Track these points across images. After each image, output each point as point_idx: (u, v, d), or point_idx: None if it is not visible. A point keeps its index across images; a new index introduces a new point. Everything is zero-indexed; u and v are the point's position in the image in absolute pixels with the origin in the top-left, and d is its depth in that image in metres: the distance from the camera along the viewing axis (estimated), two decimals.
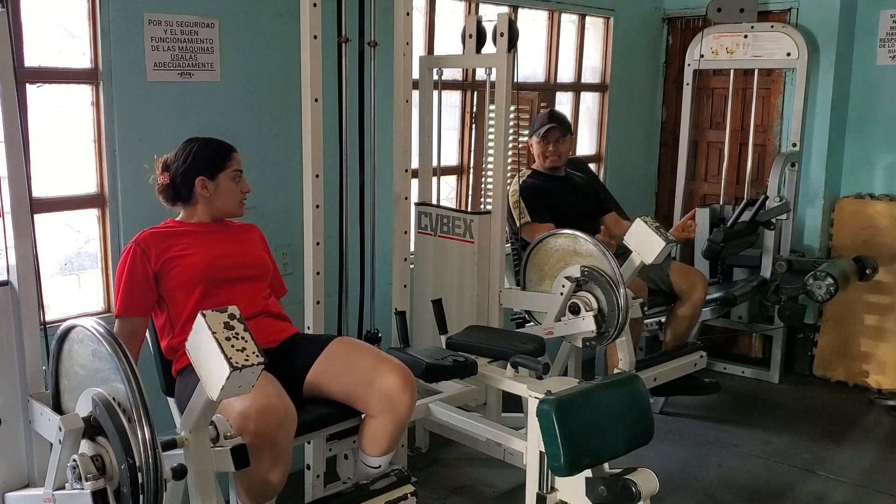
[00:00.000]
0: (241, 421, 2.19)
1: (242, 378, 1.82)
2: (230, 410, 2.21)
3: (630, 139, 5.30)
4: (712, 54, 4.84)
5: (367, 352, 2.57)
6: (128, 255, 2.53)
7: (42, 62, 2.79)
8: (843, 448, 3.94)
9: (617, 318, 3.21)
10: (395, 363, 2.51)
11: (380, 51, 3.20)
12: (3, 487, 2.16)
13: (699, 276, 4.11)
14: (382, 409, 2.46)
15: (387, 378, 2.45)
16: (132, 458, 1.71)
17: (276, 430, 2.23)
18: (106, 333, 1.83)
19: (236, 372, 1.79)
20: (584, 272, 3.27)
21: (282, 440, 2.26)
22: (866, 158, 4.81)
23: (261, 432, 2.19)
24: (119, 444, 1.73)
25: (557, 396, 2.40)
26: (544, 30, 4.68)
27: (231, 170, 2.65)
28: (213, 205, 2.65)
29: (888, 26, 4.65)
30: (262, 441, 2.19)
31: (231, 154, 2.66)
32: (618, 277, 3.20)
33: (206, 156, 2.63)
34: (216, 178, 2.62)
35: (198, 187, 2.62)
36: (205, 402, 1.91)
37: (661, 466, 3.49)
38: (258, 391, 2.20)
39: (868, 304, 4.67)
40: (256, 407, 2.20)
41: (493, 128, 3.61)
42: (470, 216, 3.60)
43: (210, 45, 3.10)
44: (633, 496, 2.37)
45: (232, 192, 2.66)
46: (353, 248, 3.25)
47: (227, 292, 2.56)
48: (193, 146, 2.64)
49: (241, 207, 2.72)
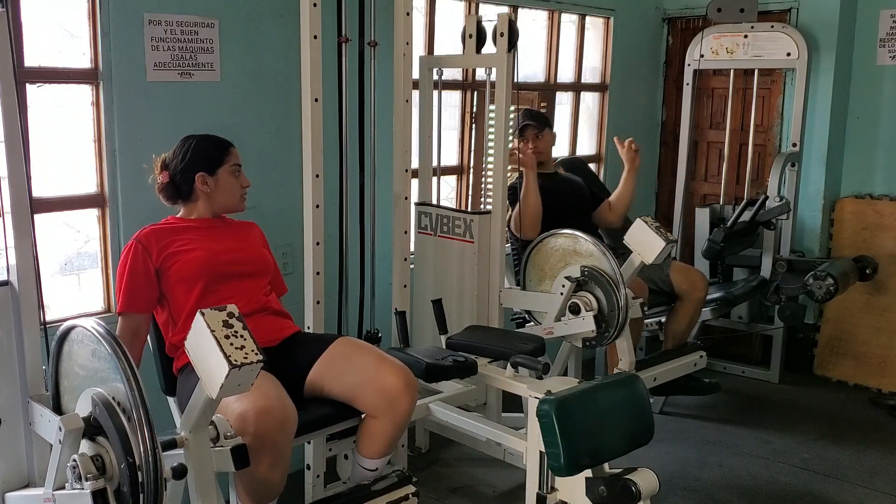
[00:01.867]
0: (241, 422, 2.18)
1: (242, 376, 1.82)
2: (230, 411, 2.21)
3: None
4: (712, 54, 4.84)
5: (369, 352, 2.57)
6: (129, 251, 2.54)
7: (42, 62, 2.79)
8: (843, 448, 3.94)
9: (617, 318, 3.20)
10: (397, 364, 2.51)
11: (380, 51, 3.20)
12: (3, 487, 2.15)
13: (699, 276, 4.10)
14: (383, 410, 2.46)
15: (388, 378, 2.45)
16: (132, 457, 1.71)
17: (276, 431, 2.23)
18: (105, 333, 1.83)
19: (235, 370, 1.79)
20: (585, 272, 3.27)
21: (282, 441, 2.26)
22: (866, 158, 4.81)
23: (261, 433, 2.19)
24: (119, 443, 1.73)
25: (557, 396, 2.40)
26: (544, 30, 4.68)
27: (230, 164, 2.66)
28: (214, 200, 2.66)
29: (888, 26, 4.65)
30: (262, 442, 2.19)
31: (229, 149, 2.68)
32: (618, 277, 3.20)
33: (205, 151, 2.64)
34: (216, 173, 2.63)
35: (198, 183, 2.62)
36: (204, 400, 1.91)
37: (661, 466, 3.49)
38: (258, 392, 2.20)
39: (868, 304, 4.67)
40: (256, 408, 2.20)
41: (493, 128, 3.61)
42: (470, 216, 3.60)
43: (210, 45, 3.10)
44: (633, 496, 2.37)
45: (232, 187, 2.68)
46: (353, 248, 3.25)
47: (227, 288, 2.56)
48: (191, 143, 2.64)
49: (241, 202, 2.73)
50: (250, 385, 1.87)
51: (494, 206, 3.61)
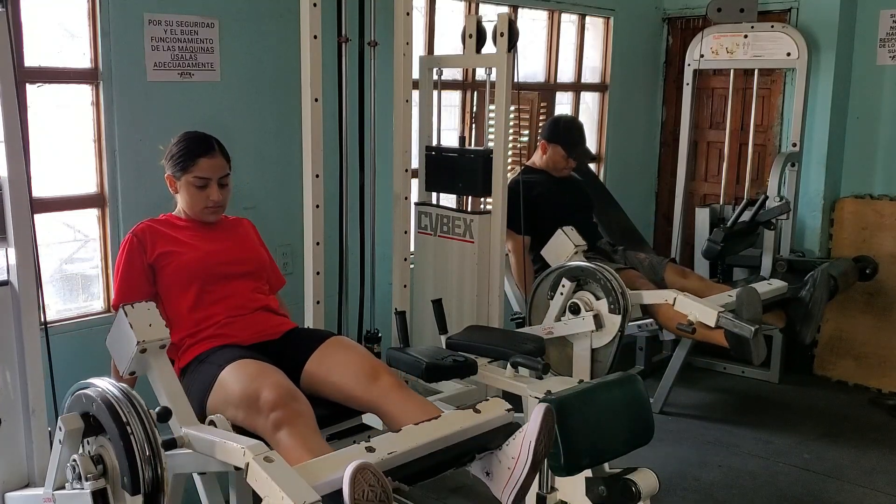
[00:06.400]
0: (262, 401, 2.15)
1: (141, 312, 2.00)
2: (249, 398, 2.18)
3: (630, 139, 5.30)
4: (712, 54, 4.84)
5: (356, 351, 2.55)
6: (125, 245, 2.55)
7: (42, 62, 2.79)
8: (843, 448, 3.94)
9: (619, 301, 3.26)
10: (382, 363, 2.51)
11: (380, 51, 3.20)
12: (3, 487, 2.15)
13: (690, 271, 4.17)
14: (377, 395, 2.41)
15: (365, 366, 2.44)
16: (132, 457, 1.71)
17: (291, 401, 2.19)
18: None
19: (128, 306, 2.01)
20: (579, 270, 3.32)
21: (306, 410, 2.22)
22: (866, 158, 4.81)
23: (282, 403, 2.15)
24: (119, 443, 1.73)
25: (557, 396, 2.40)
26: (544, 30, 4.69)
27: (192, 175, 2.55)
28: (182, 203, 2.63)
29: (888, 26, 4.65)
30: (292, 410, 2.15)
31: (197, 160, 2.55)
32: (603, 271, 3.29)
33: (176, 154, 2.59)
34: (180, 179, 2.59)
35: (168, 183, 2.62)
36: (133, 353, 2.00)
37: (661, 466, 3.49)
38: (268, 379, 2.21)
39: (868, 304, 4.67)
40: (271, 385, 2.19)
41: (493, 128, 3.61)
42: (470, 216, 3.60)
43: (210, 45, 3.10)
44: (633, 496, 2.37)
45: (192, 197, 2.58)
46: (353, 248, 3.25)
47: (223, 288, 2.55)
48: (176, 140, 2.62)
49: (206, 213, 2.61)
50: (164, 326, 2.01)
51: (494, 206, 3.60)
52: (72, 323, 2.90)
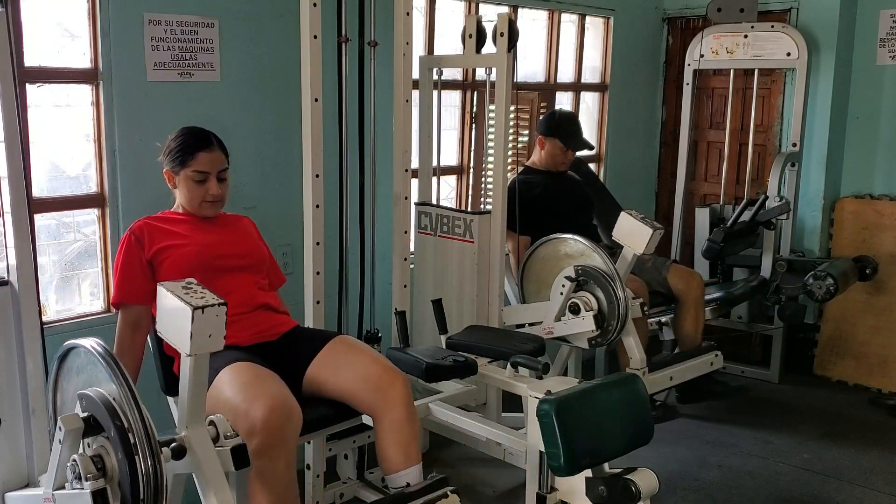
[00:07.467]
0: (250, 421, 2.17)
1: (207, 321, 1.83)
2: (237, 412, 2.20)
3: (630, 139, 5.30)
4: (712, 54, 4.84)
5: (364, 351, 2.58)
6: (123, 244, 2.55)
7: (42, 62, 2.79)
8: (843, 448, 3.94)
9: (617, 312, 3.21)
10: (390, 364, 2.53)
11: (380, 51, 3.20)
12: (3, 487, 2.15)
13: (695, 274, 4.15)
14: (380, 405, 2.44)
15: (380, 374, 2.47)
16: (132, 457, 1.71)
17: (286, 426, 2.21)
18: (104, 351, 1.83)
19: (198, 312, 1.81)
20: (579, 270, 3.29)
21: (292, 437, 2.25)
22: (866, 158, 4.81)
23: (272, 428, 2.17)
24: (119, 443, 1.73)
25: (557, 396, 2.40)
26: (544, 30, 4.68)
27: (191, 169, 2.57)
28: (181, 198, 2.64)
29: (888, 26, 4.65)
30: (275, 438, 2.17)
31: (196, 153, 2.56)
32: (612, 271, 3.24)
33: (175, 149, 2.60)
34: (179, 174, 2.60)
35: (166, 178, 2.63)
36: (190, 369, 1.89)
37: (661, 466, 3.49)
38: (263, 389, 2.22)
39: (868, 304, 4.67)
40: (264, 405, 2.19)
41: (493, 128, 3.61)
42: (470, 216, 3.60)
43: (210, 45, 3.10)
44: (633, 496, 2.37)
45: (191, 192, 2.59)
46: (353, 248, 3.25)
47: (222, 282, 2.52)
48: (174, 135, 2.63)
49: (205, 208, 2.62)
50: (222, 336, 1.87)
51: (494, 206, 3.61)
52: (72, 323, 2.90)
